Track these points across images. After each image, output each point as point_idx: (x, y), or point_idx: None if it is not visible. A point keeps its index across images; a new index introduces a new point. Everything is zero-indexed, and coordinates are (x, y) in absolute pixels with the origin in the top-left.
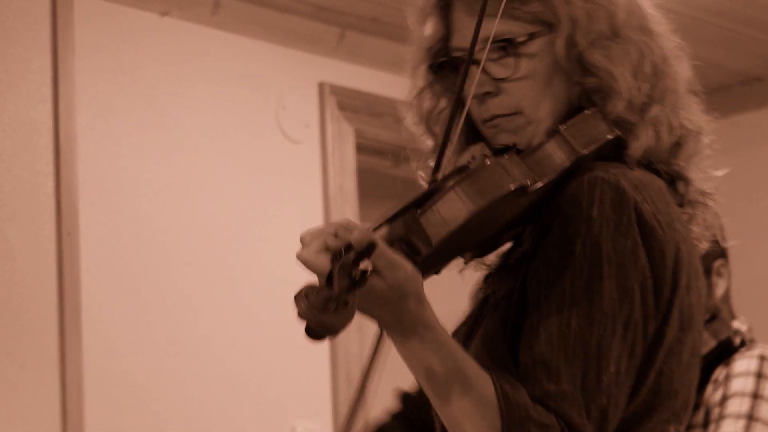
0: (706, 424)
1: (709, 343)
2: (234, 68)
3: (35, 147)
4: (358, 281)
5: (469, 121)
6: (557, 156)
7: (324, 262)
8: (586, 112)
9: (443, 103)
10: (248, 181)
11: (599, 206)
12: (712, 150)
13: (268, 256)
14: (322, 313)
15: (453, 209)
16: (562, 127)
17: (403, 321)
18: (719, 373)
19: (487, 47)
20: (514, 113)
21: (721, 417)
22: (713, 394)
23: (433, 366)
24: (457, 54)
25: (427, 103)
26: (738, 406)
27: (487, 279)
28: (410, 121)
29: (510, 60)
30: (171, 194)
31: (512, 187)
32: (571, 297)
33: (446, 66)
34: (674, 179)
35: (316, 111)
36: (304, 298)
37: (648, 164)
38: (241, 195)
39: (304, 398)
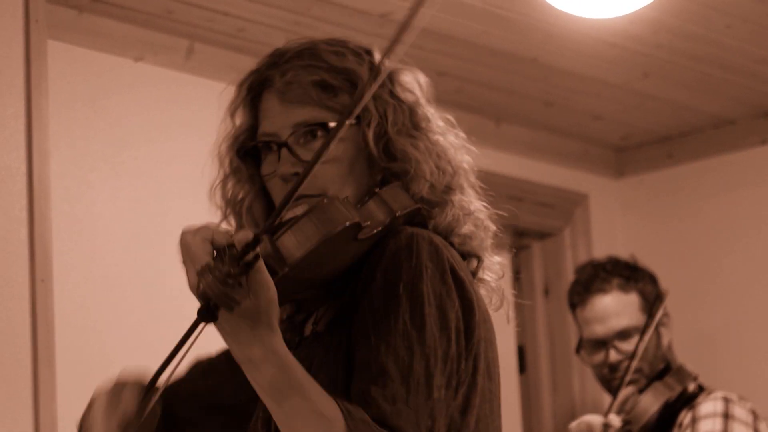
0: None
1: (675, 389)
2: (208, 113)
3: (9, 193)
4: (250, 263)
5: (265, 205)
6: (379, 213)
7: (207, 249)
8: (394, 183)
9: (245, 190)
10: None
11: (417, 256)
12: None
13: None
14: (224, 286)
15: (307, 233)
16: (379, 191)
17: (259, 338)
18: (684, 416)
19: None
20: (319, 195)
21: None
22: None
23: (279, 388)
24: (265, 139)
25: (231, 190)
26: None
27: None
28: (216, 203)
29: (318, 145)
30: (145, 241)
31: (356, 218)
32: (396, 331)
33: (252, 153)
34: (466, 256)
35: None
36: (208, 272)
37: (445, 237)
38: None
39: None
